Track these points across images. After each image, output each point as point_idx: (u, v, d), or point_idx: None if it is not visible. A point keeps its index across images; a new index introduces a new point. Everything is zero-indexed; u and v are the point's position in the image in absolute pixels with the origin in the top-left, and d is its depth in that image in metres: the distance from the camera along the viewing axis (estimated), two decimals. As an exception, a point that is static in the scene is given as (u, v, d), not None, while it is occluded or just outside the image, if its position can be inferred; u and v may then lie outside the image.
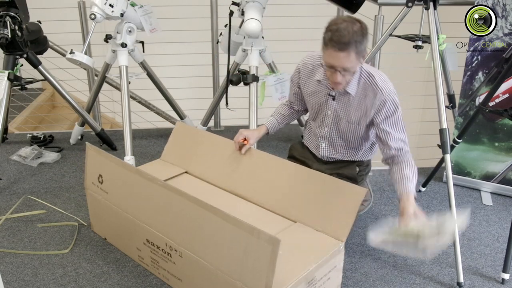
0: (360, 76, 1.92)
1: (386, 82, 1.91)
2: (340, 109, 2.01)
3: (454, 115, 2.80)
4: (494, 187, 2.70)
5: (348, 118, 2.01)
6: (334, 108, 2.02)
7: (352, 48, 1.73)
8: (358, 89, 1.93)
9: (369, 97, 1.92)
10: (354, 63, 1.78)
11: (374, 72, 1.92)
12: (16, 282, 1.92)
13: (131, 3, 2.77)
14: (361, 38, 1.74)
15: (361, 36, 1.74)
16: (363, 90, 1.93)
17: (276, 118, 2.26)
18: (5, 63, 2.63)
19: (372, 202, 2.54)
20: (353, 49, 1.73)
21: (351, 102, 1.97)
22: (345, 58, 1.75)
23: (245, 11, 2.47)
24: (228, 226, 1.56)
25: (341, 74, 1.81)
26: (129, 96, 2.76)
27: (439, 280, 2.01)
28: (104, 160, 2.03)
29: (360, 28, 1.75)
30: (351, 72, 1.83)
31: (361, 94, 1.94)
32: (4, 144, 3.18)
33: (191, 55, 3.56)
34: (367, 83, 1.91)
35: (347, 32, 1.71)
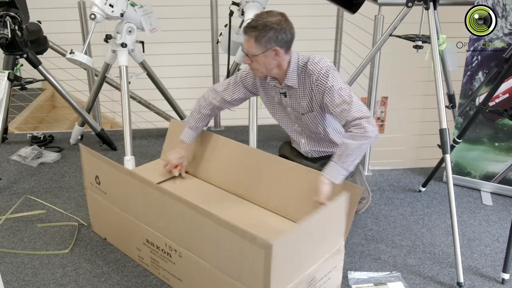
0: (297, 67, 1.96)
1: (317, 63, 1.93)
2: (294, 103, 2.05)
3: (454, 115, 2.79)
4: (494, 187, 2.70)
5: (303, 109, 2.04)
6: (289, 104, 2.07)
7: (252, 34, 1.84)
8: (299, 80, 1.98)
9: (307, 82, 1.96)
10: (253, 48, 1.86)
11: (307, 58, 1.96)
12: (16, 282, 1.92)
13: (131, 3, 2.77)
14: (267, 29, 1.82)
15: (268, 28, 1.82)
16: (302, 79, 1.97)
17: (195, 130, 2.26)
18: (5, 63, 2.63)
19: (370, 201, 2.54)
20: (253, 35, 1.83)
21: (298, 94, 2.01)
22: (246, 42, 1.88)
23: (245, 11, 2.48)
24: (221, 230, 1.55)
25: (247, 57, 1.91)
26: (129, 96, 2.76)
27: (439, 280, 2.01)
28: (99, 162, 2.02)
29: (276, 22, 1.83)
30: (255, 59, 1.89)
31: (301, 83, 1.98)
32: (4, 144, 3.18)
33: (191, 55, 3.56)
34: (302, 71, 1.96)
35: (256, 19, 1.85)
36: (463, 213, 2.51)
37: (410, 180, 2.86)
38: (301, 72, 1.97)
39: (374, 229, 2.36)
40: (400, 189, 2.75)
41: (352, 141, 1.80)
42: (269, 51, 1.87)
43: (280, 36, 1.85)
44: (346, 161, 1.81)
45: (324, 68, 1.91)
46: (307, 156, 2.21)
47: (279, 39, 1.85)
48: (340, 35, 3.67)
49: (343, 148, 1.81)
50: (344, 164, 1.81)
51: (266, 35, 1.83)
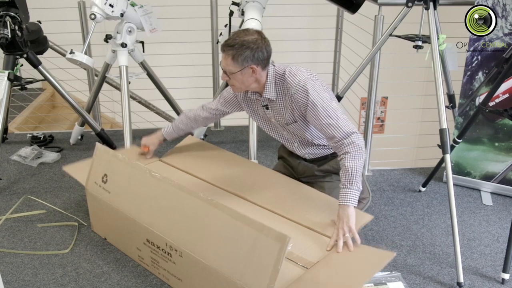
0: (275, 79, 1.96)
1: (294, 74, 1.92)
2: (276, 115, 2.05)
3: (454, 115, 2.79)
4: (494, 187, 2.70)
5: (286, 120, 2.03)
6: (272, 115, 2.06)
7: (229, 53, 1.84)
8: (277, 92, 1.97)
9: (287, 94, 1.95)
10: (230, 66, 1.86)
11: (284, 70, 1.95)
12: (16, 282, 1.92)
13: (131, 3, 2.77)
14: (243, 48, 1.82)
15: (244, 47, 1.82)
16: (281, 91, 1.97)
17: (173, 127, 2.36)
18: (5, 63, 2.63)
19: (370, 201, 2.54)
20: (230, 53, 1.84)
21: (278, 106, 2.00)
22: (224, 60, 1.88)
23: (245, 11, 2.48)
24: (236, 224, 1.57)
25: (225, 74, 1.91)
26: (129, 96, 2.76)
27: (439, 280, 2.01)
28: (112, 159, 2.04)
29: (252, 41, 1.83)
30: (233, 76, 1.89)
31: (281, 96, 1.98)
32: (4, 144, 3.18)
33: (191, 55, 3.56)
34: (281, 84, 1.96)
35: (233, 38, 1.85)
36: (463, 213, 2.51)
37: (410, 180, 2.86)
38: (279, 84, 1.97)
39: (374, 229, 2.36)
40: (400, 189, 2.75)
41: (354, 163, 1.82)
42: (246, 69, 1.87)
43: (256, 55, 1.85)
44: (356, 182, 1.82)
45: (302, 81, 1.90)
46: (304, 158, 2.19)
47: (255, 58, 1.86)
48: (340, 35, 3.67)
49: (350, 172, 1.81)
50: (355, 185, 1.82)
51: (242, 54, 1.83)
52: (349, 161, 1.82)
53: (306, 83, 1.89)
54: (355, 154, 1.83)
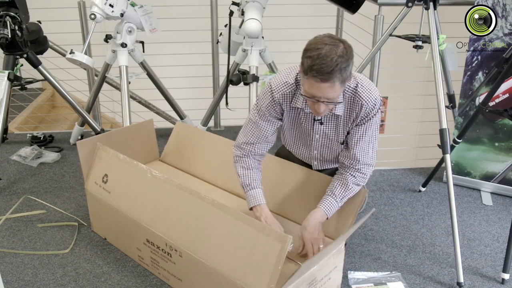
0: (345, 92, 1.74)
1: (370, 91, 1.73)
2: (329, 131, 1.86)
3: (454, 115, 2.79)
4: (494, 187, 2.70)
5: (338, 138, 1.87)
6: (323, 131, 1.87)
7: (336, 77, 1.53)
8: (345, 107, 1.77)
9: (355, 110, 1.77)
10: (339, 92, 1.60)
11: (357, 82, 1.74)
12: (16, 282, 1.92)
13: (131, 3, 2.77)
14: (346, 62, 1.55)
15: (346, 61, 1.55)
16: (349, 106, 1.77)
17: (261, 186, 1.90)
18: (5, 63, 2.63)
19: (366, 198, 2.52)
20: (338, 78, 1.54)
21: (340, 122, 1.82)
22: (329, 89, 1.56)
23: (245, 11, 2.47)
24: (237, 224, 1.57)
25: (324, 104, 1.62)
26: (129, 96, 2.76)
27: (439, 280, 2.01)
28: (113, 159, 2.03)
29: (344, 50, 1.55)
30: (336, 101, 1.65)
31: (348, 111, 1.78)
32: (4, 144, 3.18)
33: (191, 55, 3.56)
34: (351, 98, 1.75)
35: (330, 59, 1.51)
36: (463, 213, 2.51)
37: (410, 180, 2.86)
38: (349, 98, 1.74)
39: (374, 229, 2.36)
40: (400, 189, 2.75)
41: (357, 188, 1.84)
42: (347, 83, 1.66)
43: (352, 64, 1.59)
44: (344, 199, 1.84)
45: (377, 99, 1.73)
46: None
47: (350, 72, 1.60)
48: (340, 35, 3.67)
49: (349, 191, 1.82)
50: (341, 203, 1.83)
51: (348, 68, 1.56)
52: (353, 183, 1.83)
53: (379, 103, 1.75)
54: (359, 182, 1.84)
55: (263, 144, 1.90)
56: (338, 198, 1.81)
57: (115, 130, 2.32)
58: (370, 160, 1.85)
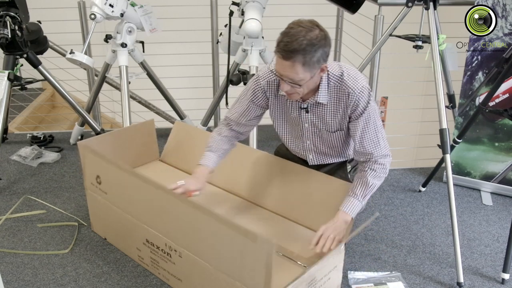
0: (329, 81, 1.72)
1: (356, 79, 1.71)
2: (317, 120, 1.83)
3: (454, 115, 2.80)
4: (494, 187, 2.70)
5: (327, 127, 1.84)
6: (310, 120, 1.84)
7: (298, 58, 1.53)
8: (330, 96, 1.75)
9: (343, 100, 1.74)
10: (301, 75, 1.57)
11: (342, 71, 1.72)
12: (16, 282, 1.92)
13: (131, 3, 2.77)
14: (313, 48, 1.53)
15: (314, 46, 1.53)
16: (335, 94, 1.74)
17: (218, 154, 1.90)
18: (5, 63, 2.64)
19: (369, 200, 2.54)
20: (300, 59, 1.53)
21: (326, 111, 1.79)
22: (289, 68, 1.56)
23: (245, 11, 2.47)
24: (223, 229, 1.55)
25: (288, 84, 1.62)
26: (129, 96, 2.76)
27: (439, 280, 2.01)
28: (100, 161, 2.02)
29: (317, 36, 1.54)
30: (300, 85, 1.62)
31: (334, 100, 1.75)
32: (4, 144, 3.18)
33: (191, 55, 3.56)
34: (337, 87, 1.73)
35: (296, 39, 1.51)
36: (463, 213, 2.51)
37: (410, 180, 2.86)
38: (334, 86, 1.72)
39: (374, 229, 2.36)
40: (400, 189, 2.75)
41: (378, 182, 1.80)
42: (317, 71, 1.61)
43: (327, 51, 1.59)
44: (367, 198, 1.80)
45: (365, 88, 1.71)
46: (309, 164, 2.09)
47: (326, 54, 1.59)
48: (340, 35, 3.67)
49: (369, 188, 1.78)
50: (365, 201, 1.80)
51: (315, 55, 1.55)
52: (373, 178, 1.78)
53: (367, 91, 1.72)
54: (380, 174, 1.80)
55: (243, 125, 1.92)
56: (359, 197, 1.78)
57: (116, 130, 2.32)
58: (384, 150, 1.80)
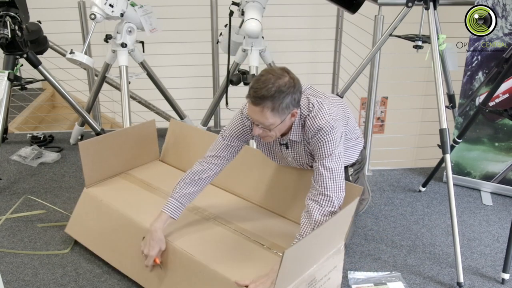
0: (300, 121, 1.74)
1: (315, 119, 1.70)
2: (297, 155, 1.86)
3: (454, 115, 2.80)
4: (494, 187, 2.70)
5: (308, 162, 1.86)
6: (292, 155, 1.87)
7: (267, 104, 1.57)
8: (304, 134, 1.76)
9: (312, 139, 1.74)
10: (270, 120, 1.61)
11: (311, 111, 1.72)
12: (16, 282, 1.92)
13: (131, 3, 2.77)
14: (282, 94, 1.58)
15: (282, 93, 1.58)
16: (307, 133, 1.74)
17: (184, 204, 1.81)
18: (5, 63, 2.63)
19: (370, 201, 2.54)
20: (268, 105, 1.57)
21: (301, 148, 1.81)
22: (259, 113, 1.60)
23: (245, 11, 2.47)
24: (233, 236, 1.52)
25: (259, 127, 1.65)
26: (129, 96, 2.76)
27: (439, 280, 2.01)
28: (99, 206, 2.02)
29: (286, 84, 1.59)
30: (270, 129, 1.65)
31: (307, 137, 1.76)
32: (4, 144, 3.18)
33: (191, 55, 3.56)
34: (306, 126, 1.73)
35: (265, 86, 1.57)
36: (463, 213, 2.51)
37: (410, 180, 2.86)
38: (304, 125, 1.75)
39: (374, 229, 2.36)
40: (400, 189, 2.75)
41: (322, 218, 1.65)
42: (287, 116, 1.65)
43: (296, 97, 1.63)
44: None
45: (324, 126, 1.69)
46: None
47: (296, 101, 1.64)
48: (340, 35, 3.67)
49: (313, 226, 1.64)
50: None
51: (283, 102, 1.59)
52: (318, 213, 1.65)
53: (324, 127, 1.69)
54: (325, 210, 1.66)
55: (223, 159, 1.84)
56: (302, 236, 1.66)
57: (117, 131, 2.32)
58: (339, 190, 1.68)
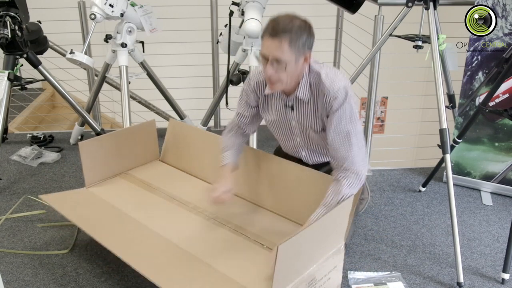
0: (309, 78, 1.76)
1: (333, 80, 1.72)
2: (302, 118, 1.86)
3: (454, 115, 2.80)
4: (494, 187, 2.70)
5: (312, 127, 1.85)
6: (296, 118, 1.87)
7: (285, 37, 1.61)
8: (311, 94, 1.77)
9: (321, 99, 1.76)
10: (286, 54, 1.63)
11: (321, 70, 1.75)
12: (16, 282, 1.92)
13: (131, 3, 2.77)
14: (299, 32, 1.63)
15: (300, 31, 1.63)
16: (316, 93, 1.77)
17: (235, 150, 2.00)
18: (5, 63, 2.64)
19: (370, 201, 2.54)
20: (287, 38, 1.61)
21: (308, 110, 1.82)
22: (276, 46, 1.62)
23: (245, 11, 2.48)
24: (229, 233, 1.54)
25: (272, 66, 1.66)
26: (129, 96, 2.76)
27: (439, 280, 2.01)
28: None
29: (301, 24, 1.65)
30: (284, 67, 1.65)
31: (314, 98, 1.78)
32: (4, 144, 3.18)
33: (191, 55, 3.56)
34: (317, 85, 1.75)
35: (283, 22, 1.63)
36: (463, 213, 2.51)
37: (410, 180, 2.86)
38: (314, 84, 1.76)
39: (374, 229, 2.36)
40: (400, 189, 2.75)
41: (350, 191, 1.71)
42: (301, 58, 1.67)
43: (311, 40, 1.67)
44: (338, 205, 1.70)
45: (341, 91, 1.70)
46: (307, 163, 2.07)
47: (311, 44, 1.67)
48: (340, 35, 3.67)
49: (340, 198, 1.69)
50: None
51: (301, 38, 1.63)
52: (347, 187, 1.70)
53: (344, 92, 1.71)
54: (354, 183, 1.71)
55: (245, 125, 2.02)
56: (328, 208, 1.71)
57: (117, 131, 2.32)
58: (358, 157, 1.72)
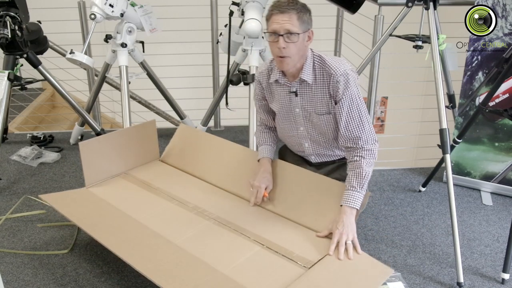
0: (313, 61, 1.85)
1: (339, 62, 1.83)
2: (306, 103, 1.91)
3: (454, 115, 2.80)
4: (494, 187, 2.70)
5: (316, 109, 1.91)
6: (300, 104, 1.93)
7: (293, 11, 1.73)
8: (315, 76, 1.85)
9: (326, 80, 1.84)
10: (297, 27, 1.74)
11: (325, 55, 1.86)
12: (16, 282, 1.92)
13: (131, 3, 2.77)
14: (303, 8, 1.76)
15: (303, 7, 1.76)
16: (319, 75, 1.85)
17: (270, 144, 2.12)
18: (5, 63, 2.64)
19: (369, 200, 2.54)
20: (295, 12, 1.73)
21: (313, 92, 1.88)
22: (287, 19, 1.74)
23: (245, 11, 2.47)
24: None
25: (285, 40, 1.75)
26: (129, 96, 2.76)
27: (439, 280, 2.01)
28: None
29: (302, 3, 1.78)
30: (295, 40, 1.75)
31: (318, 80, 1.85)
32: (4, 144, 3.18)
33: (191, 55, 3.56)
34: (320, 67, 1.84)
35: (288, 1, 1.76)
36: (463, 213, 2.51)
37: (410, 180, 2.86)
38: (318, 67, 1.84)
39: (374, 229, 2.36)
40: (400, 189, 2.75)
41: (369, 168, 1.83)
42: (306, 34, 1.78)
43: (311, 18, 1.80)
44: (365, 186, 1.82)
45: (347, 72, 1.80)
46: (310, 161, 2.10)
47: (311, 21, 1.80)
48: (340, 35, 3.67)
49: (363, 176, 1.80)
50: (364, 190, 1.81)
51: (306, 15, 1.76)
52: (365, 165, 1.82)
53: (349, 74, 1.80)
54: (370, 160, 1.83)
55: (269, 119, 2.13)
56: (357, 188, 1.80)
57: (117, 131, 2.32)
58: (370, 134, 1.85)
